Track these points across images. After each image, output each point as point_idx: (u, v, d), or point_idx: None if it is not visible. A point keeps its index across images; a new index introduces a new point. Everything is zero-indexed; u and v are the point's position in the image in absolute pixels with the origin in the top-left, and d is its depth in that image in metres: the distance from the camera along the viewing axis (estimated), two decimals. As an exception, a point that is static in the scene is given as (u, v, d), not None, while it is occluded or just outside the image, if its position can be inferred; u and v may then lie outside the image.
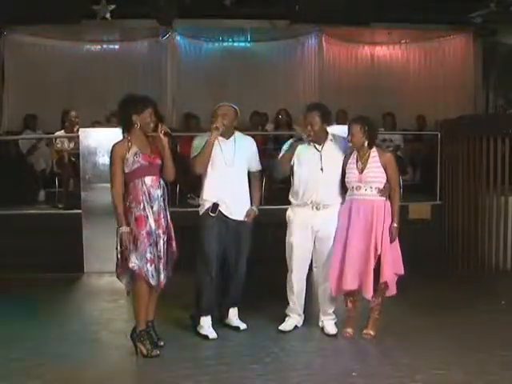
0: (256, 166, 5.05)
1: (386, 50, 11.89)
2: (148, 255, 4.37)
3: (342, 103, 10.35)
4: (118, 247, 4.40)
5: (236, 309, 5.12)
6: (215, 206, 4.79)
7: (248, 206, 4.95)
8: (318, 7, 9.81)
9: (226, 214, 4.84)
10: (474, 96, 11.31)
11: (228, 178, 4.82)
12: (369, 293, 4.73)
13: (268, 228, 4.94)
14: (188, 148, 5.03)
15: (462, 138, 7.74)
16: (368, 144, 4.77)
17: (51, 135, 9.14)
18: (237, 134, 4.98)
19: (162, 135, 4.47)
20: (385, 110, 10.31)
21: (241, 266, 4.96)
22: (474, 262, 7.47)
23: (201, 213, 4.88)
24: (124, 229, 4.35)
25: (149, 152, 4.47)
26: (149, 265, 4.37)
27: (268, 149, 8.92)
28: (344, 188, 4.88)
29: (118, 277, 4.52)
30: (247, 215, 4.93)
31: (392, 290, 4.84)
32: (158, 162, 4.50)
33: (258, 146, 5.20)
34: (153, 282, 4.41)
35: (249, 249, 4.96)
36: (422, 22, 10.61)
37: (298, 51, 11.57)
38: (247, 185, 4.96)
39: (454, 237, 7.90)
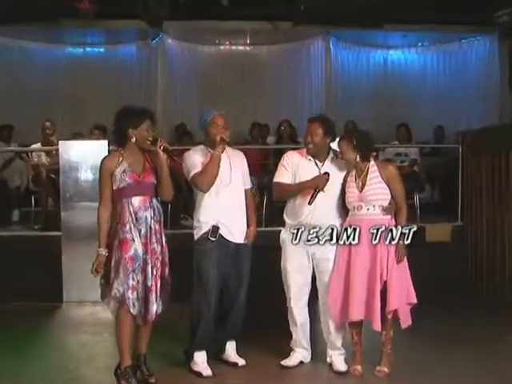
0: (248, 182, 5.09)
1: (401, 54, 12.00)
2: (130, 282, 4.38)
3: (352, 113, 10.43)
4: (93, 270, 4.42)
5: (234, 342, 5.11)
6: (215, 228, 4.81)
7: (246, 226, 4.98)
8: (325, 7, 9.88)
9: (226, 236, 4.84)
10: (500, 104, 11.35)
11: (226, 197, 4.83)
12: (377, 324, 4.69)
13: (269, 252, 4.94)
14: (179, 164, 5.04)
15: (485, 151, 7.76)
16: (361, 158, 4.82)
17: (26, 148, 9.16)
18: (227, 148, 4.95)
19: (160, 150, 4.48)
20: (399, 120, 10.30)
21: (241, 294, 4.96)
22: (499, 290, 7.46)
23: (197, 236, 4.87)
24: (101, 251, 4.42)
25: (140, 170, 4.48)
26: (130, 292, 4.38)
27: (269, 164, 8.98)
28: (345, 209, 4.91)
29: (102, 300, 4.54)
30: (247, 237, 4.96)
31: (406, 321, 4.80)
32: (150, 180, 4.51)
33: (258, 161, 5.24)
34: (134, 311, 4.41)
35: (249, 275, 4.97)
36: (441, 22, 10.68)
37: (303, 56, 11.67)
38: (245, 204, 5.00)
39: (476, 262, 7.90)
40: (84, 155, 7.27)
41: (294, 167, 4.95)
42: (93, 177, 7.02)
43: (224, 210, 4.82)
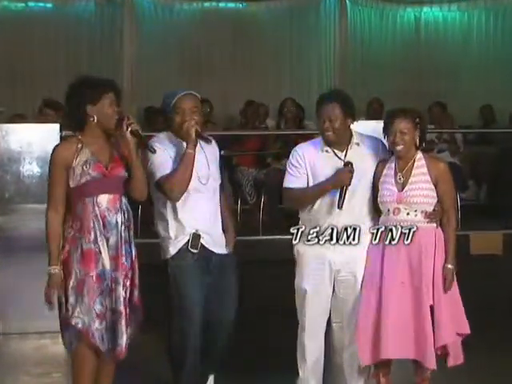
0: (220, 178, 5.10)
1: (438, 12, 11.98)
2: (97, 307, 4.33)
3: (373, 90, 10.48)
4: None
5: (213, 377, 5.12)
6: (196, 236, 4.84)
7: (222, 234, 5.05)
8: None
9: (209, 247, 4.88)
10: None
11: (203, 199, 4.89)
12: (431, 361, 4.62)
13: (266, 266, 4.95)
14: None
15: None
16: (418, 145, 4.77)
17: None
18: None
19: (128, 134, 4.42)
20: (434, 97, 10.38)
21: (228, 319, 4.97)
22: None
23: (174, 250, 4.87)
24: (54, 269, 4.29)
25: (106, 160, 4.42)
26: (97, 322, 4.33)
27: (268, 155, 8.95)
28: (377, 211, 4.90)
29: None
30: (227, 244, 5.00)
31: (456, 358, 4.76)
32: (119, 173, 4.45)
33: (253, 151, 5.25)
34: (102, 346, 4.35)
35: (237, 293, 4.99)
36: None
37: (311, 15, 11.67)
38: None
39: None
40: (28, 143, 7.22)
41: (309, 165, 4.93)
42: (40, 171, 6.98)
43: (202, 214, 4.86)
